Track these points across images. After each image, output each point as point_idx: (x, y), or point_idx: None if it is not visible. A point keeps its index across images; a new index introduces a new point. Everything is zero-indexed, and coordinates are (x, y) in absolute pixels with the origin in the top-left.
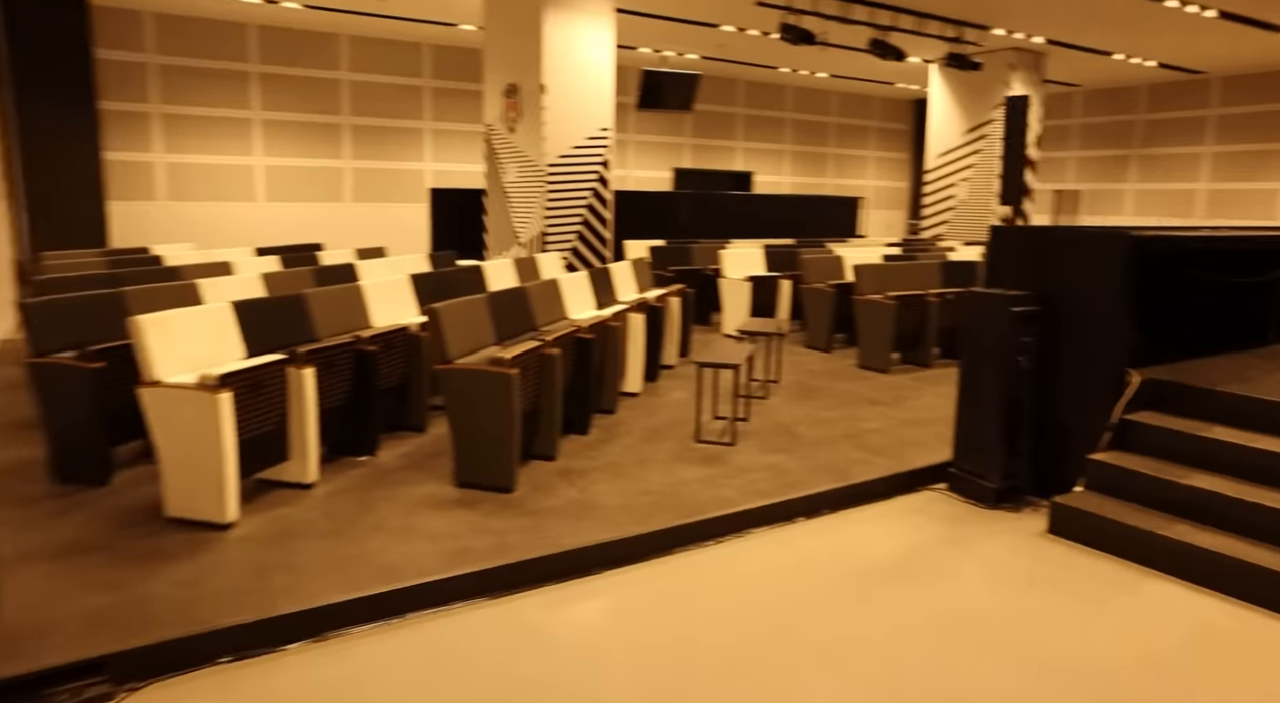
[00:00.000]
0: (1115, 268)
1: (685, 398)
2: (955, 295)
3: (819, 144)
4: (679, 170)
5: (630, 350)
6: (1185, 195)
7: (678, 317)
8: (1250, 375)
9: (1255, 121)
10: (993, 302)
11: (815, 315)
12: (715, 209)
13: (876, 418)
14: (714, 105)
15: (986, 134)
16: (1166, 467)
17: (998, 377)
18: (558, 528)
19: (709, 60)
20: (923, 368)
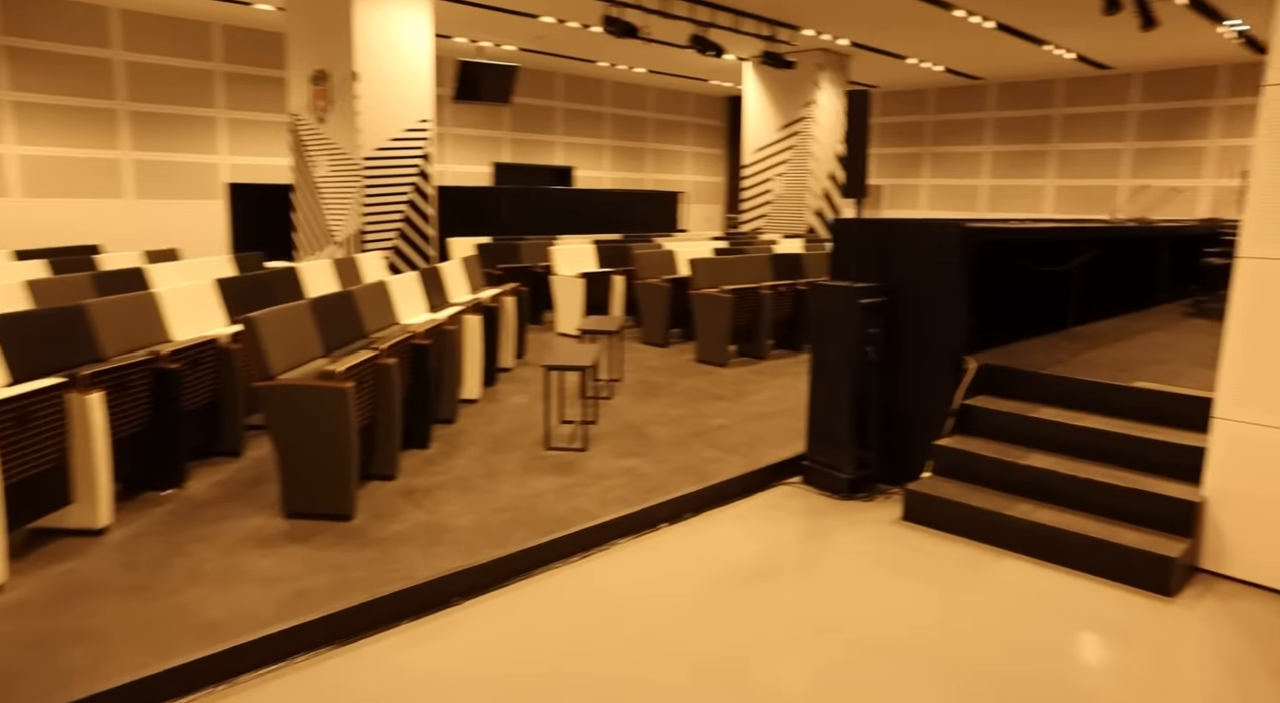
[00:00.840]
0: (951, 258)
1: (527, 402)
2: (791, 288)
3: (638, 139)
4: (499, 165)
5: (468, 355)
6: (970, 191)
7: (513, 317)
8: (1061, 357)
9: (1027, 125)
10: (840, 294)
11: (651, 311)
12: (538, 205)
13: (723, 414)
14: (533, 98)
15: (799, 131)
16: (1005, 448)
17: (847, 369)
18: (408, 558)
19: (527, 52)
20: (759, 360)
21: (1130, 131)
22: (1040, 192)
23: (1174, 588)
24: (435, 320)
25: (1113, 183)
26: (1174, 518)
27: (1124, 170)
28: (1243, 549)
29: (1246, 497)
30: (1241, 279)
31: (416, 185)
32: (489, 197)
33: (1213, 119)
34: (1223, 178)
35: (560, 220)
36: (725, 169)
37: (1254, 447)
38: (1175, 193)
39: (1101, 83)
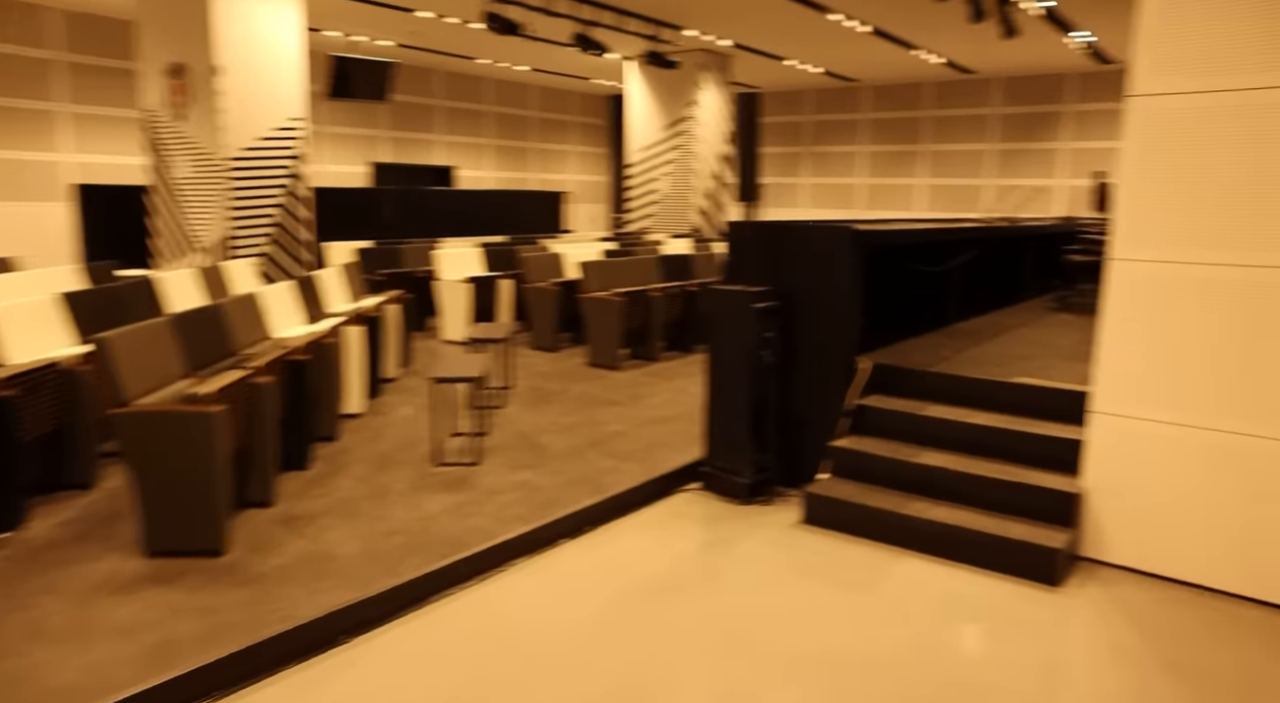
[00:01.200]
0: (844, 261)
1: (414, 415)
2: (682, 289)
3: (521, 138)
4: (377, 165)
5: (350, 368)
6: (847, 189)
7: (397, 325)
8: (946, 355)
9: (899, 125)
10: (735, 297)
11: (540, 315)
12: (420, 206)
13: (618, 420)
14: (411, 96)
15: (683, 130)
16: (899, 447)
17: (744, 373)
18: (289, 595)
19: (404, 48)
20: (651, 362)
21: (993, 133)
22: (912, 190)
23: (1059, 578)
24: (314, 333)
25: (978, 182)
26: (1057, 510)
27: (988, 170)
28: (1120, 537)
29: (1122, 487)
30: (1113, 280)
31: (289, 187)
32: (368, 198)
33: (1064, 123)
34: (1074, 178)
35: (443, 222)
36: (609, 168)
37: (1128, 439)
38: (1039, 192)
39: (966, 86)
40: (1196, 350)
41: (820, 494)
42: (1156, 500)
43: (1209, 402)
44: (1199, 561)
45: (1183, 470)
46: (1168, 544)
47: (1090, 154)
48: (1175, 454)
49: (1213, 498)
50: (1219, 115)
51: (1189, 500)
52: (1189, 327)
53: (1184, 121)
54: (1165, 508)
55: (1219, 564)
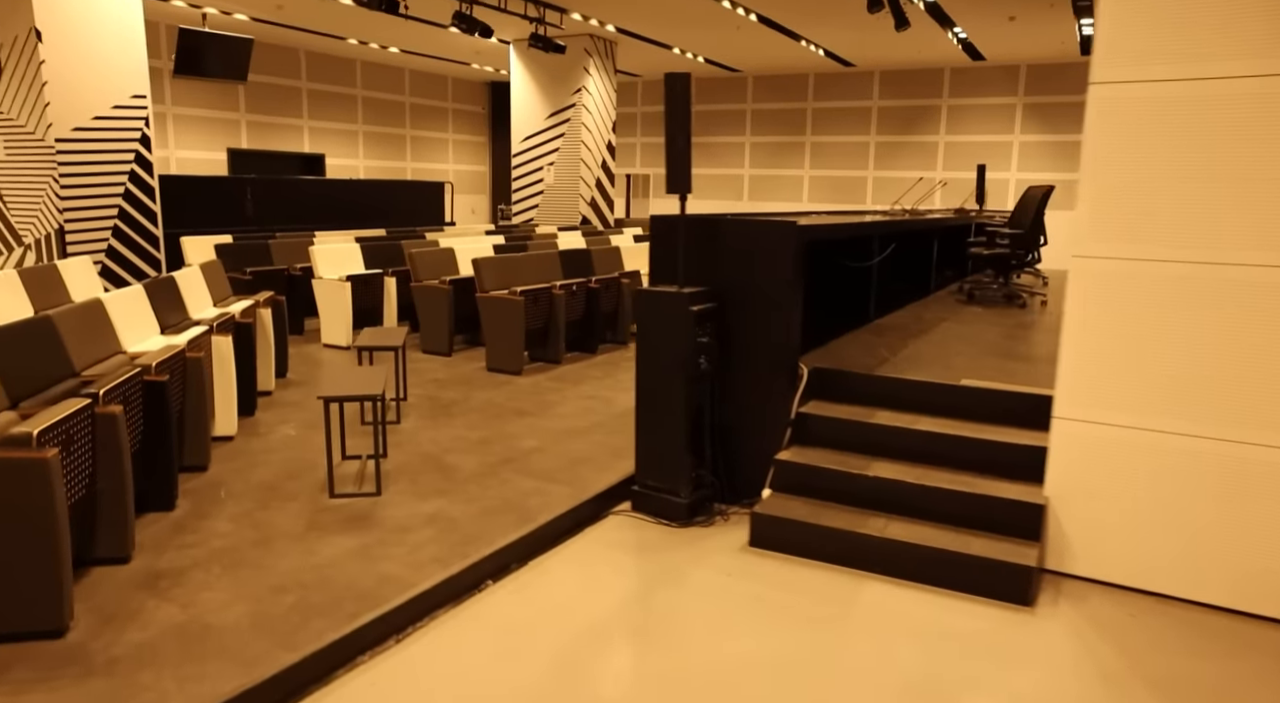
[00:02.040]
0: (784, 258)
1: (298, 435)
2: (584, 285)
3: (395, 125)
4: (235, 151)
5: (219, 384)
6: (735, 180)
7: (271, 331)
8: (881, 355)
9: (783, 117)
10: (670, 301)
11: (431, 316)
12: (288, 196)
13: (530, 433)
14: (274, 77)
15: (569, 118)
16: (848, 458)
17: (680, 382)
18: (154, 685)
19: (263, 24)
20: (555, 365)
21: (873, 126)
22: (798, 181)
23: (1031, 597)
24: (174, 346)
25: (862, 174)
26: (1020, 522)
27: (870, 162)
28: (1086, 548)
29: (1087, 495)
30: (1076, 279)
31: (134, 173)
32: (229, 187)
33: (940, 116)
34: (952, 170)
35: (314, 214)
36: (488, 158)
37: (1092, 445)
38: (941, 185)
39: (847, 79)
40: (1163, 351)
41: (768, 515)
42: (1124, 509)
43: (1176, 405)
44: (1169, 570)
45: (1150, 477)
46: (1136, 554)
47: (965, 147)
48: (1142, 460)
49: (1182, 505)
50: (1179, 104)
51: (1157, 508)
52: (1155, 327)
53: (1143, 110)
54: (1133, 517)
55: (1190, 574)
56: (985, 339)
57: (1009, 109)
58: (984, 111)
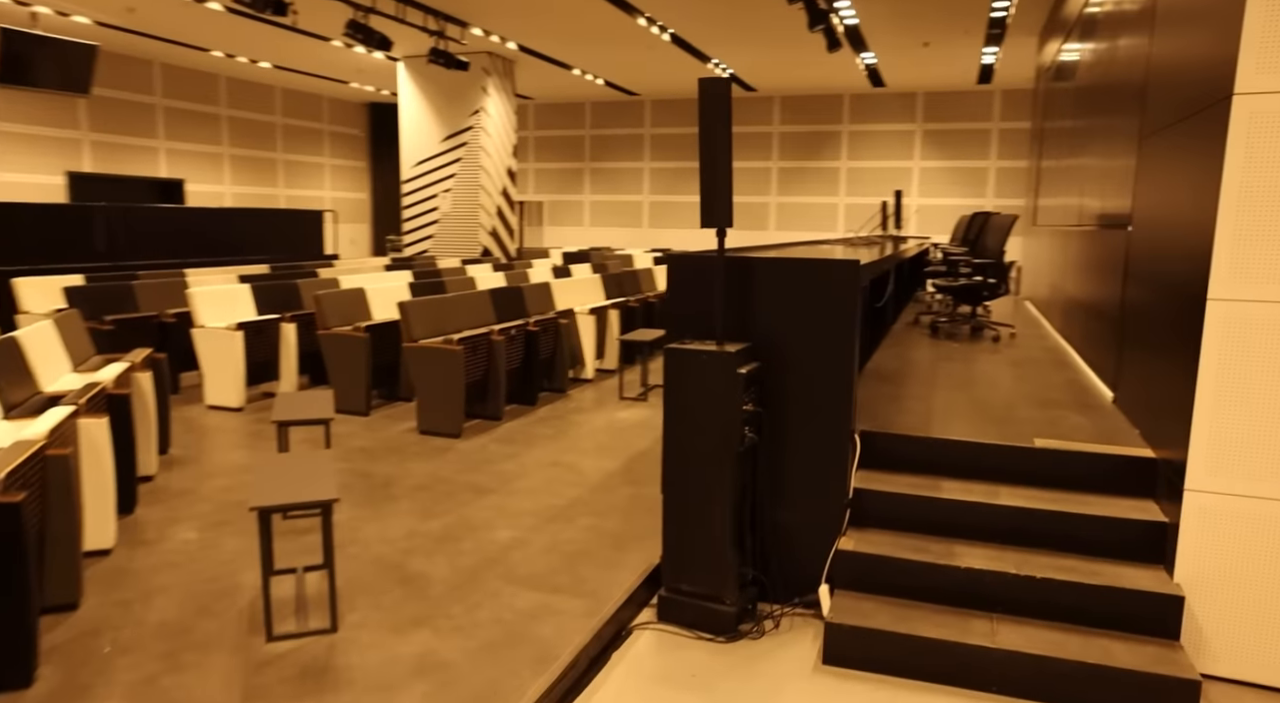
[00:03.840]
0: (843, 304)
1: (200, 539)
2: (523, 329)
3: (266, 148)
4: (76, 175)
5: (91, 483)
6: (634, 206)
7: (152, 401)
8: (908, 406)
9: (682, 141)
10: (711, 362)
11: (345, 370)
12: (145, 227)
13: (500, 519)
14: (124, 91)
15: (466, 141)
16: (923, 543)
17: (726, 461)
18: None
19: (110, 29)
20: (495, 423)
21: (775, 151)
22: (699, 207)
23: None
24: (27, 443)
25: (765, 199)
26: (1155, 618)
27: (773, 188)
28: (1231, 645)
29: (1230, 581)
30: (1214, 325)
31: None
32: (72, 217)
33: (841, 142)
34: (854, 196)
35: (177, 248)
36: (370, 184)
37: (1237, 522)
38: (822, 208)
39: (748, 104)
40: None
41: (845, 625)
42: (1277, 597)
43: None
44: None
45: None
46: None
47: (867, 172)
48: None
49: None
50: None
51: None
52: None
53: None
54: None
55: None
56: (1000, 382)
57: (908, 135)
58: (884, 137)
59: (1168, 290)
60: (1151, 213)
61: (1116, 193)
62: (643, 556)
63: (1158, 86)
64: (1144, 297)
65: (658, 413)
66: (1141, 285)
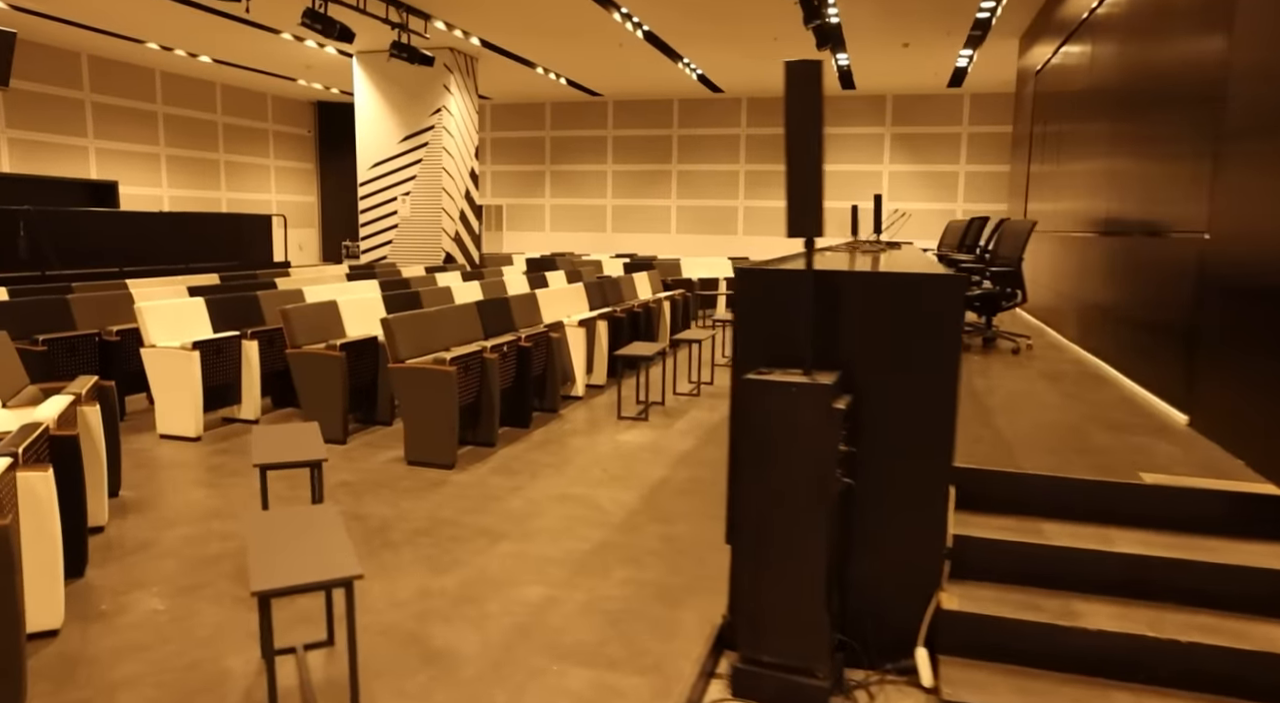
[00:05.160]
0: (945, 323)
1: (166, 610)
2: (515, 345)
3: (206, 148)
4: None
5: (33, 550)
6: (598, 210)
7: (101, 439)
8: (975, 433)
9: (646, 144)
10: (801, 396)
11: (318, 393)
12: (76, 234)
13: (524, 571)
14: (46, 85)
15: (427, 142)
16: (1034, 599)
17: (816, 509)
18: None
19: (28, 14)
20: (489, 449)
21: (742, 154)
22: (665, 212)
23: None
24: None
25: (732, 203)
26: None
27: (741, 191)
28: None
29: None
30: None
31: None
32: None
33: None
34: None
35: (112, 255)
36: (318, 187)
37: None
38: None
39: (714, 105)
40: None
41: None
42: None
43: None
44: None
45: None
46: None
47: (837, 176)
48: None
49: None
50: None
51: None
52: None
53: None
54: None
55: None
56: (1048, 401)
57: (878, 139)
58: (854, 141)
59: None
60: (1247, 222)
61: (1175, 199)
62: (699, 614)
63: (1245, 90)
64: (1239, 310)
65: (663, 434)
66: (1235, 298)
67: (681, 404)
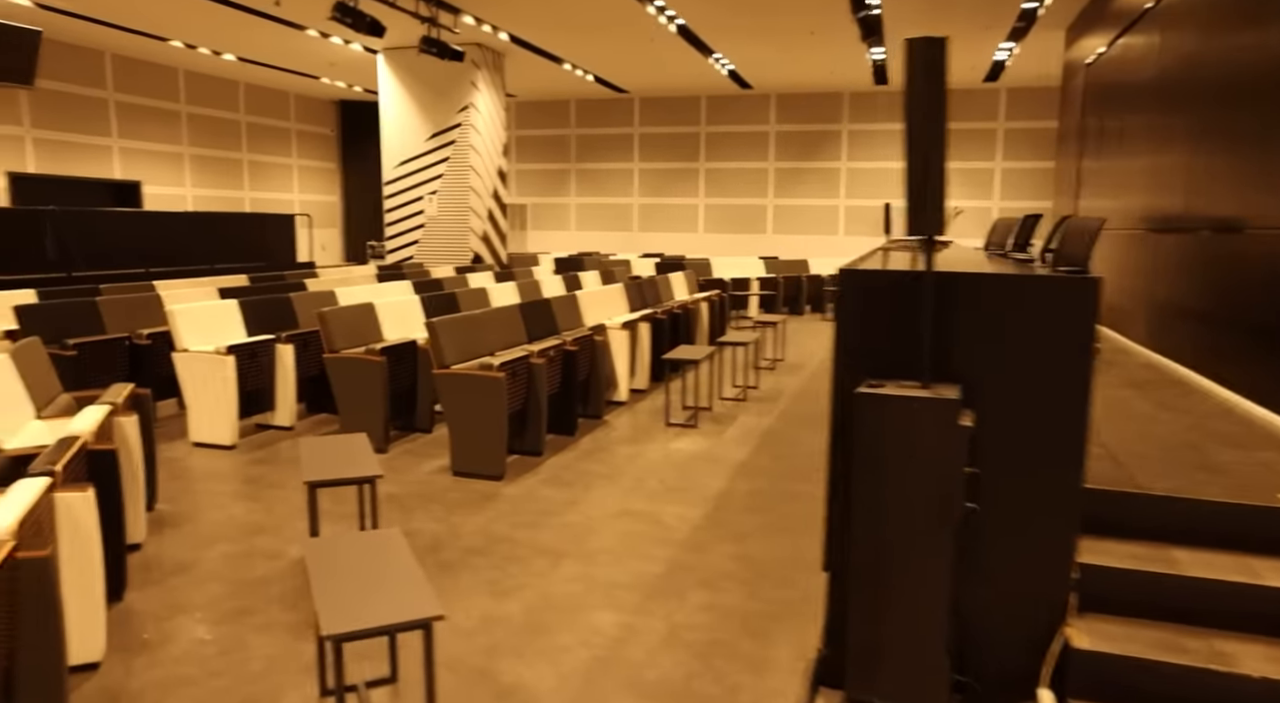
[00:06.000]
0: (1077, 330)
1: (214, 639)
2: (560, 348)
3: (230, 147)
4: (19, 176)
5: (73, 578)
6: (624, 209)
7: (139, 451)
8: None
9: (674, 141)
10: (926, 411)
11: (357, 399)
12: (101, 234)
13: (594, 595)
14: (72, 84)
15: (454, 140)
16: (1175, 638)
17: (941, 535)
18: None
19: (55, 13)
20: (537, 458)
21: (771, 151)
22: (693, 210)
23: None
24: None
25: (761, 201)
26: None
27: (770, 189)
28: None
29: None
30: None
31: None
32: (15, 222)
33: (840, 142)
34: (853, 198)
35: (136, 256)
36: (341, 186)
37: None
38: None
39: (742, 102)
40: None
41: None
42: None
43: None
44: None
45: None
46: None
47: (868, 174)
48: None
49: None
50: None
51: None
52: None
53: None
54: None
55: None
56: (1141, 411)
57: None
58: (885, 137)
59: None
60: None
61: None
62: (790, 646)
63: None
64: None
65: (716, 443)
66: None
67: (729, 410)
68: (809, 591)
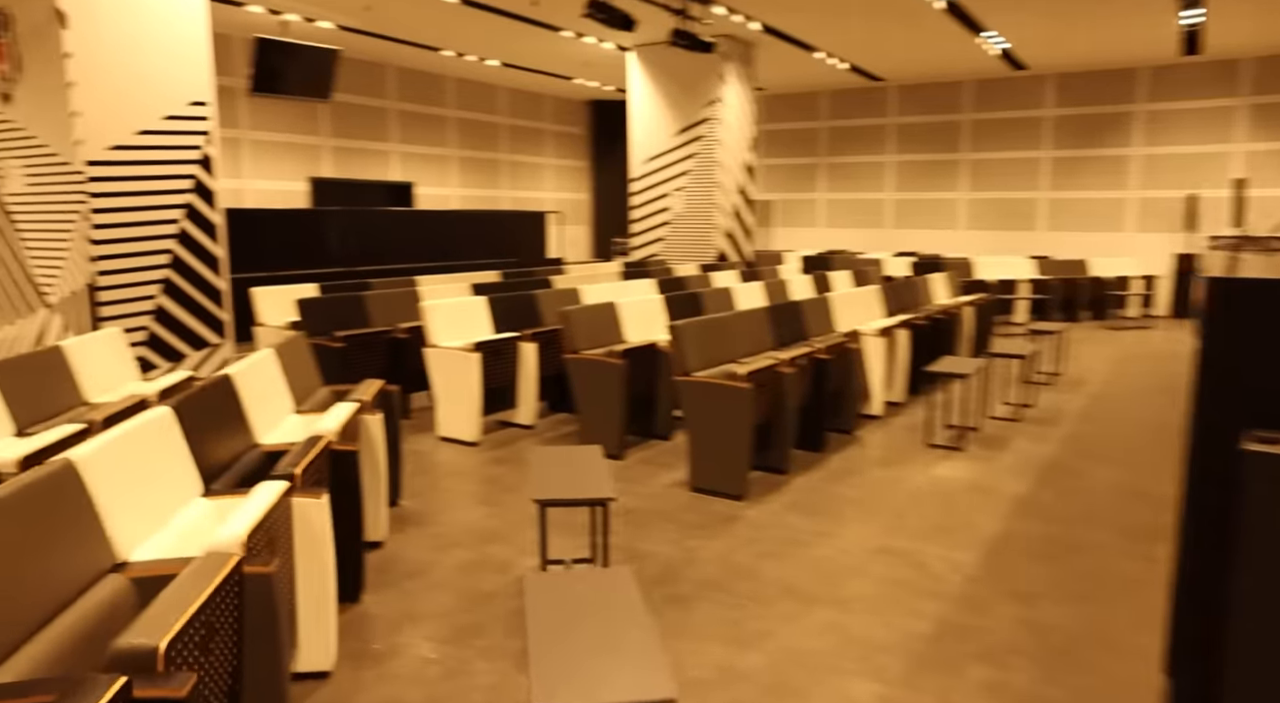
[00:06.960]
0: None
1: (438, 658)
2: (809, 356)
3: (490, 148)
4: (318, 180)
5: (307, 582)
6: (875, 205)
7: (383, 449)
8: None
9: (933, 131)
10: None
11: (595, 403)
12: (375, 232)
13: (849, 656)
14: (359, 96)
15: (701, 135)
16: None
17: None
18: None
19: (348, 32)
20: (781, 476)
21: (1046, 138)
22: (952, 205)
23: None
24: (223, 557)
25: (1031, 195)
26: None
27: (1042, 180)
28: None
29: None
30: None
31: (191, 207)
32: (309, 223)
33: (1131, 125)
34: (1148, 189)
35: (401, 252)
36: (590, 184)
37: None
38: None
39: (1013, 85)
40: None
41: None
42: None
43: None
44: None
45: None
46: None
47: (1168, 160)
48: None
49: None
50: None
51: None
52: None
53: None
54: None
55: None
56: None
57: (1224, 113)
58: (1190, 117)
59: None
60: None
61: None
62: None
63: None
64: None
65: (987, 470)
66: None
67: (1000, 431)
68: (1117, 680)
